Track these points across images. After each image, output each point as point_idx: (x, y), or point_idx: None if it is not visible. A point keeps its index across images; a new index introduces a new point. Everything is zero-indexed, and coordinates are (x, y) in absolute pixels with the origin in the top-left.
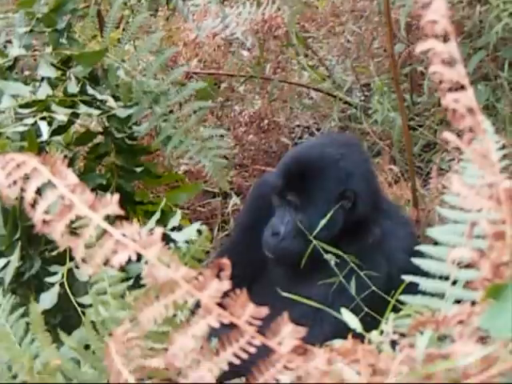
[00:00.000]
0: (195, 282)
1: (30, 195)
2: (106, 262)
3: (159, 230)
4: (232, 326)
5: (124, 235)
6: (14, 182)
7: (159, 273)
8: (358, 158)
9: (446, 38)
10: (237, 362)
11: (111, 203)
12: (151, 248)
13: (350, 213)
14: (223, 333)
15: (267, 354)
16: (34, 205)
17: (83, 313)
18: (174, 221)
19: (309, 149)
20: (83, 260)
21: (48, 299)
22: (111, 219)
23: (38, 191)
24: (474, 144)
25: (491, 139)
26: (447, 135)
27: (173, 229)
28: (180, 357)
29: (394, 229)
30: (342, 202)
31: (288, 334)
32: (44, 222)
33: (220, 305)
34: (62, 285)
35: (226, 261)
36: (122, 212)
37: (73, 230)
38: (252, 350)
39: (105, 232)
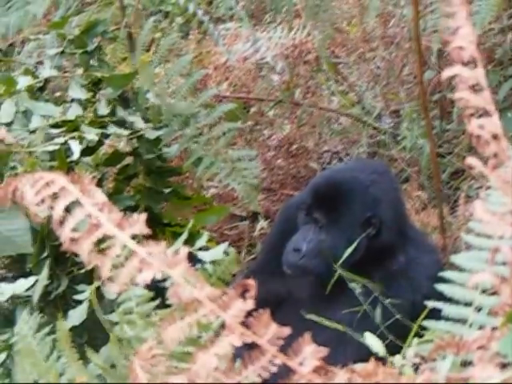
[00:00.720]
0: (219, 302)
1: (58, 213)
2: (132, 281)
3: (185, 250)
4: (255, 346)
5: (150, 254)
6: (43, 201)
7: (184, 292)
8: (387, 185)
9: (473, 65)
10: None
11: (138, 222)
12: (176, 267)
13: (373, 239)
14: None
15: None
16: (62, 223)
17: (110, 330)
18: (201, 242)
19: (340, 171)
20: (109, 278)
21: (77, 316)
22: (139, 239)
23: (67, 210)
24: (498, 171)
25: None
26: (472, 161)
27: (200, 249)
28: (202, 375)
29: (420, 256)
30: (367, 227)
31: (309, 354)
32: (71, 240)
33: (244, 324)
34: (89, 303)
35: (250, 281)
36: (149, 231)
37: (100, 249)
38: (274, 369)
39: (132, 251)
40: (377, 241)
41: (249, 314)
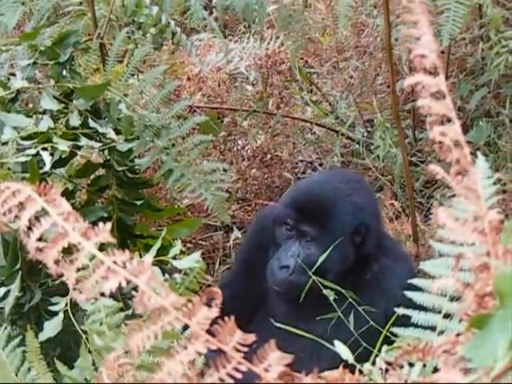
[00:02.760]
0: (184, 310)
1: (23, 223)
2: (99, 290)
3: (149, 258)
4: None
5: (115, 263)
6: (10, 210)
7: (149, 300)
8: (366, 193)
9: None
10: None
11: (103, 231)
12: (142, 275)
13: (359, 247)
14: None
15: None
16: (28, 233)
17: (85, 341)
18: (174, 251)
19: (319, 183)
20: (77, 287)
21: (52, 327)
22: (108, 249)
23: (34, 220)
24: (461, 177)
25: (482, 172)
26: (434, 167)
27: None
28: (168, 382)
29: (393, 265)
30: (355, 236)
31: (275, 360)
32: (37, 249)
33: (209, 332)
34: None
35: (216, 289)
36: (113, 240)
37: (67, 259)
38: (238, 375)
39: (98, 260)
40: (361, 248)
41: (214, 321)
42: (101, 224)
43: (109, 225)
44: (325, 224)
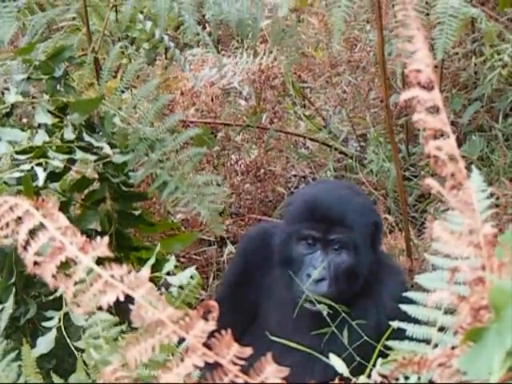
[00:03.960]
0: (181, 323)
1: (22, 237)
2: (96, 303)
3: (146, 272)
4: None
5: (113, 276)
6: (7, 225)
7: (146, 313)
8: (363, 195)
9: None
10: None
11: (101, 246)
12: (139, 289)
13: (372, 247)
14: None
15: None
16: (26, 247)
17: (80, 356)
18: (169, 266)
19: (326, 191)
20: (74, 301)
21: (45, 343)
22: (105, 263)
23: (31, 234)
24: (456, 191)
25: (476, 186)
26: (430, 181)
27: (167, 274)
28: None
29: (385, 277)
30: (370, 236)
31: (271, 373)
32: (35, 263)
33: (206, 345)
34: (58, 329)
35: (213, 303)
36: (111, 254)
37: (65, 273)
38: None
39: (95, 274)
40: (375, 249)
41: (211, 335)
42: (98, 238)
43: (106, 239)
44: (351, 229)
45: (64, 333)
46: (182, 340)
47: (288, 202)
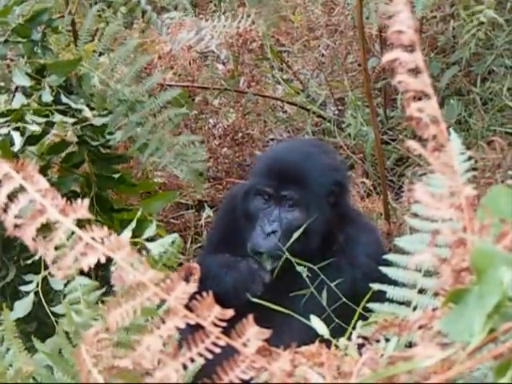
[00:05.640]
0: (163, 285)
1: (1, 200)
2: (77, 266)
3: (127, 234)
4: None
5: (93, 239)
6: None
7: (127, 275)
8: (334, 155)
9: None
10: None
11: (81, 208)
12: (120, 251)
13: (333, 207)
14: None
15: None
16: (5, 210)
17: (57, 322)
18: (150, 231)
19: (291, 149)
20: (54, 264)
21: (22, 308)
22: (84, 225)
23: (10, 197)
24: (437, 153)
25: (456, 149)
26: (411, 143)
27: (148, 239)
28: (147, 357)
29: (358, 235)
30: (330, 196)
31: (253, 335)
32: (15, 226)
33: (187, 307)
34: (36, 293)
35: (194, 265)
36: (91, 216)
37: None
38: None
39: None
40: (336, 209)
41: (192, 297)
42: (79, 200)
43: (87, 201)
44: (305, 187)
45: (42, 297)
46: (160, 304)
47: (256, 158)
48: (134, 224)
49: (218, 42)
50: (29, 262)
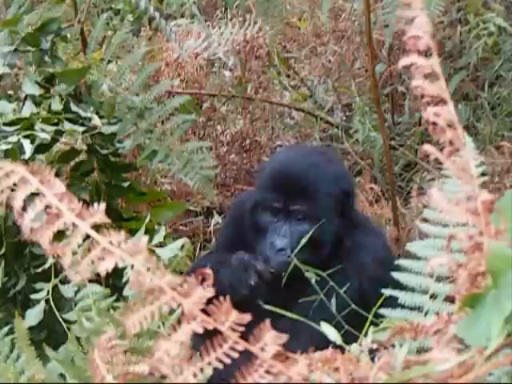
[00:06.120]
0: (180, 289)
1: (18, 204)
2: (94, 270)
3: (145, 239)
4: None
5: (111, 243)
6: (2, 191)
7: (145, 280)
8: (339, 162)
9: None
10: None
11: (99, 212)
12: (137, 256)
13: (341, 215)
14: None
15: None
16: (22, 214)
17: (68, 329)
18: (158, 237)
19: (296, 159)
20: (71, 268)
21: (33, 316)
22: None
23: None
24: (454, 158)
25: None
26: (428, 148)
27: (157, 245)
28: (165, 362)
29: (365, 239)
30: (337, 205)
31: (270, 340)
32: (32, 230)
33: (204, 311)
34: (47, 301)
35: (208, 270)
36: (108, 221)
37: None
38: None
39: (93, 241)
40: (344, 217)
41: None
42: (95, 205)
43: (103, 205)
44: (312, 198)
45: (53, 305)
46: (172, 309)
47: (261, 167)
48: (142, 231)
49: (226, 49)
50: (39, 270)
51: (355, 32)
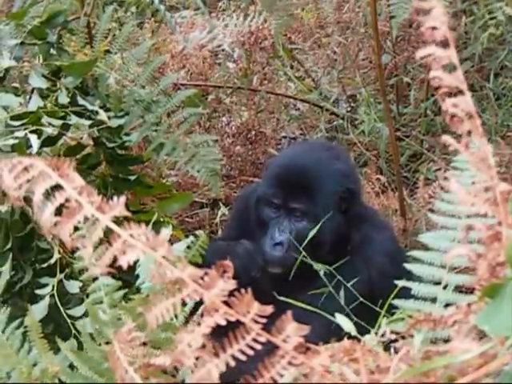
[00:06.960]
0: (202, 282)
1: (38, 197)
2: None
3: (166, 232)
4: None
5: (132, 236)
6: (20, 186)
7: (167, 272)
8: (345, 159)
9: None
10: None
11: (119, 205)
12: (159, 249)
13: (345, 214)
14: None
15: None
16: (41, 207)
17: (73, 324)
18: (166, 231)
19: (302, 155)
20: (92, 260)
21: (39, 311)
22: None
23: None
24: (472, 148)
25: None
26: (446, 138)
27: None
28: (188, 354)
29: (373, 233)
30: (341, 203)
31: (292, 331)
32: (53, 223)
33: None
34: (52, 296)
35: (228, 263)
36: (129, 214)
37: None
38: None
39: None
40: (348, 215)
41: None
42: (115, 198)
43: (123, 198)
44: (313, 197)
45: (57, 300)
46: (184, 303)
47: (268, 160)
48: (150, 226)
49: (230, 41)
50: (45, 265)
51: (359, 23)
